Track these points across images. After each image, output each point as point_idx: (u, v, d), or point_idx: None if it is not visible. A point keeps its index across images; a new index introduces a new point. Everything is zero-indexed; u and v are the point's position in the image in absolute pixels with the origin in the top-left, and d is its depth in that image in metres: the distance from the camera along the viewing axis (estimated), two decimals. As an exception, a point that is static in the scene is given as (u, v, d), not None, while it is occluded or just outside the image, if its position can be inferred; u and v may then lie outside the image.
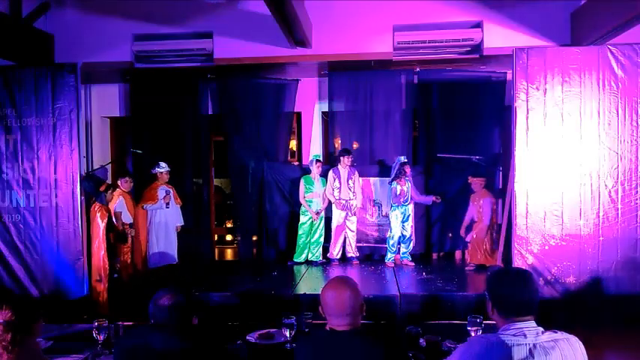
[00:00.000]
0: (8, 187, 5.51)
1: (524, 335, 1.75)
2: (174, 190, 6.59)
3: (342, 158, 6.78)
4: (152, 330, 2.02)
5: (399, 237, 6.71)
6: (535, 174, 5.11)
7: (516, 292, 1.81)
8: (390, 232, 6.77)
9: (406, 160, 6.68)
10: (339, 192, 6.81)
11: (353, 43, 6.54)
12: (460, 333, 2.54)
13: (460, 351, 1.82)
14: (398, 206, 6.65)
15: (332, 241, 6.93)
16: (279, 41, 6.31)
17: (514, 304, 1.80)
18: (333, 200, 6.83)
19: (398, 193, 6.61)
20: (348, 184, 6.81)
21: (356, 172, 6.91)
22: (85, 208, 5.53)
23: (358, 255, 7.00)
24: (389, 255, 6.78)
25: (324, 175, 6.94)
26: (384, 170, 7.20)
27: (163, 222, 6.42)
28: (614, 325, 4.59)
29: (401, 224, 6.67)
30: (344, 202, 6.82)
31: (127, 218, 6.17)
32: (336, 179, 6.81)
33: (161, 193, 6.36)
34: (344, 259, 6.99)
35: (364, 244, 7.26)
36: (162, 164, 6.48)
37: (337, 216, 6.88)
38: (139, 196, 6.57)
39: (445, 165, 7.18)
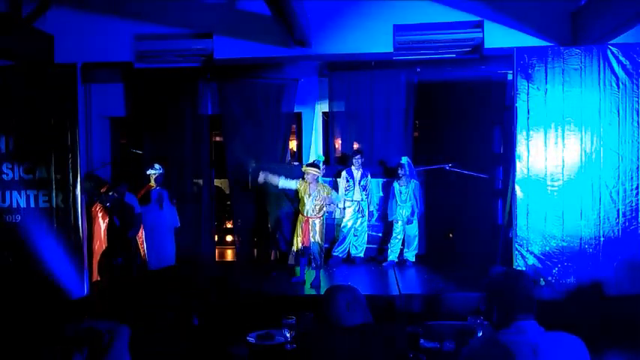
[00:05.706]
0: (8, 187, 5.50)
1: (527, 333, 1.75)
2: (168, 191, 6.53)
3: (353, 159, 6.76)
4: (153, 330, 2.02)
5: (401, 237, 6.69)
6: (535, 174, 5.10)
7: (515, 289, 1.85)
8: (392, 232, 6.76)
9: (402, 162, 6.67)
10: (352, 193, 6.78)
11: (353, 43, 6.52)
12: (460, 333, 2.53)
13: (463, 356, 1.82)
14: (399, 206, 6.64)
15: (339, 239, 6.91)
16: (279, 41, 6.30)
17: (515, 300, 1.82)
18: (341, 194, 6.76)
19: (396, 193, 6.62)
20: (361, 185, 6.80)
21: (368, 174, 6.89)
22: (85, 208, 5.52)
23: (363, 256, 6.97)
24: (390, 255, 6.75)
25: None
26: (384, 171, 7.19)
27: (155, 224, 6.35)
28: (614, 326, 4.57)
29: (402, 225, 6.66)
30: (355, 203, 6.80)
31: None
32: (349, 180, 6.79)
33: (154, 195, 6.30)
34: (347, 259, 6.98)
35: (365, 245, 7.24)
36: (156, 166, 6.37)
37: (347, 216, 6.87)
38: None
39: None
